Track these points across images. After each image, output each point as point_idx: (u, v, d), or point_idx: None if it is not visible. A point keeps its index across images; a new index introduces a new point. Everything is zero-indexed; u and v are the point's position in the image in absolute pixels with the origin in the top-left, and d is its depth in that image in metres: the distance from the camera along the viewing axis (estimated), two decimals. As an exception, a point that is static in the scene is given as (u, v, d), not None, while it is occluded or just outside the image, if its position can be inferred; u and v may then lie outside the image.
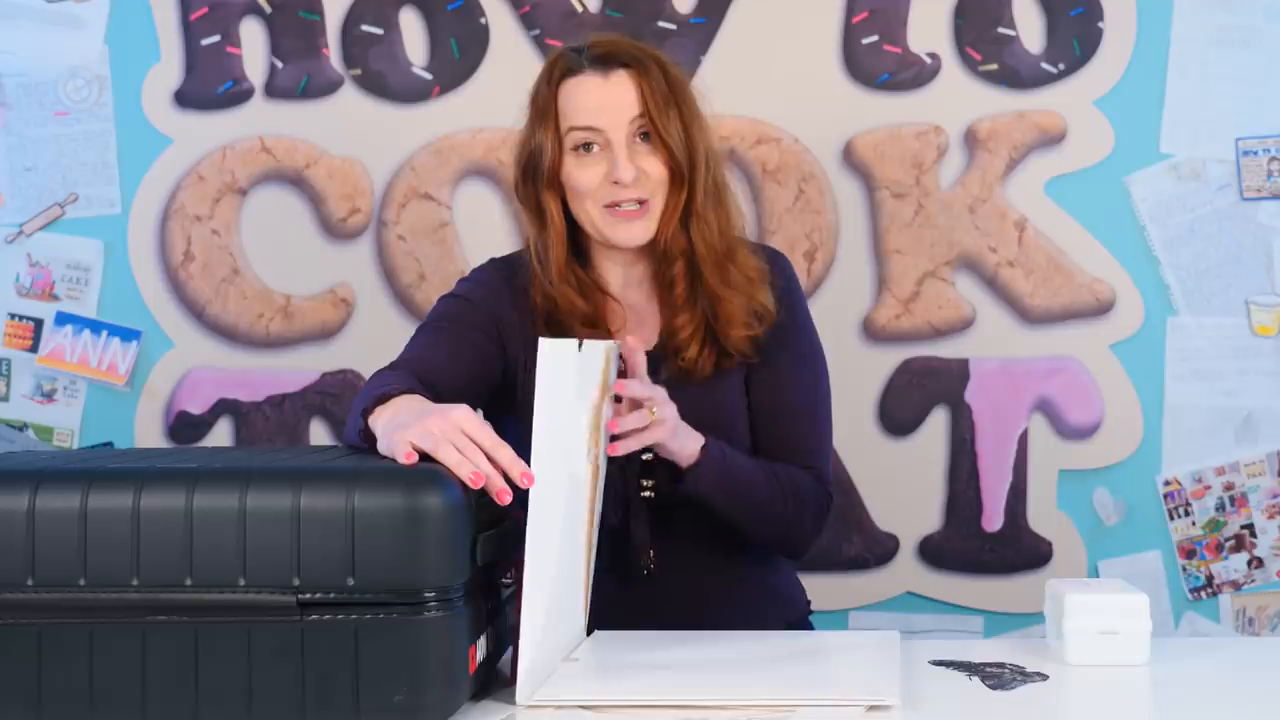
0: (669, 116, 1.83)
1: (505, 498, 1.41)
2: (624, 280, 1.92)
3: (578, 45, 1.89)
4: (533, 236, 1.91)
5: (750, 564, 1.92)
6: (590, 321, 1.87)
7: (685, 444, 1.76)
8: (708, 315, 1.86)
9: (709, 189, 1.87)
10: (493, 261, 2.00)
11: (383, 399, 1.56)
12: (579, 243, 1.91)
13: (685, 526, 1.85)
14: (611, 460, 1.71)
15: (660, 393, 1.71)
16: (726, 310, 1.85)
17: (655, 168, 1.84)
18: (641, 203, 1.84)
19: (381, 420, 1.52)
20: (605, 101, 1.83)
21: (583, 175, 1.84)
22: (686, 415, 1.79)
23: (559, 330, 1.86)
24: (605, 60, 1.85)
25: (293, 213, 2.62)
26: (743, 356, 1.88)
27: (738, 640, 1.67)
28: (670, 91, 1.84)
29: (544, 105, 1.87)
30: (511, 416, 1.88)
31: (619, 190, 1.83)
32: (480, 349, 1.86)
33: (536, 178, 1.87)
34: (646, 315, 1.92)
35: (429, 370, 1.76)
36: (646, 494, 1.84)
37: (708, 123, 1.90)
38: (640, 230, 1.85)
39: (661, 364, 1.86)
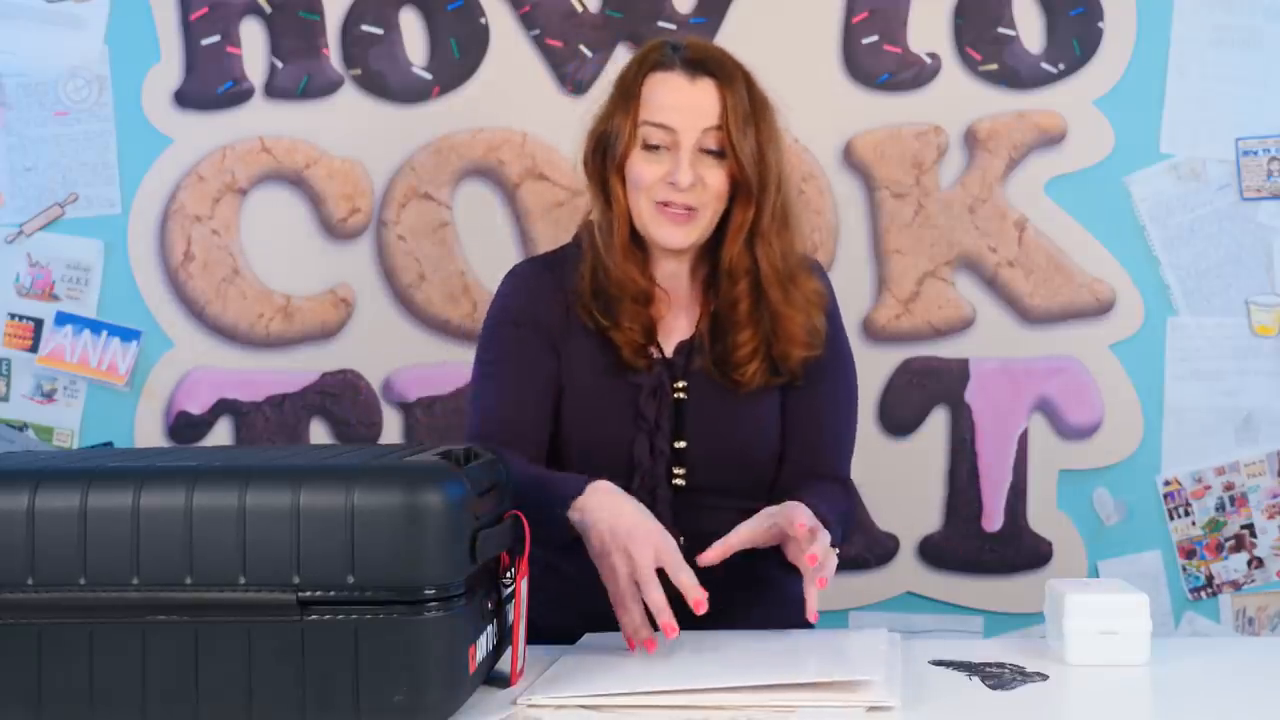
0: (745, 133, 1.85)
1: (652, 648, 1.61)
2: (671, 268, 1.94)
3: (676, 41, 1.91)
4: (597, 212, 1.93)
5: (771, 566, 1.93)
6: (644, 300, 1.90)
7: None
8: (769, 334, 1.89)
9: (776, 211, 1.89)
10: (530, 261, 2.04)
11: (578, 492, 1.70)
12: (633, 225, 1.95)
13: (711, 523, 1.86)
14: (642, 446, 1.86)
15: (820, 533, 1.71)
16: (788, 329, 1.89)
17: (716, 180, 1.86)
18: (690, 210, 1.86)
19: (589, 514, 1.68)
20: (685, 103, 1.85)
21: (645, 169, 1.86)
22: (723, 421, 1.87)
23: (606, 304, 1.89)
24: (696, 65, 1.86)
25: (293, 213, 2.62)
26: (793, 377, 1.92)
27: (737, 640, 1.68)
28: (752, 109, 1.86)
29: (628, 91, 1.89)
30: None
31: (673, 191, 1.85)
32: (542, 359, 1.91)
33: (607, 159, 1.89)
34: (687, 304, 1.95)
35: (515, 430, 1.85)
36: (678, 482, 1.88)
37: (785, 145, 1.93)
38: (682, 235, 1.88)
39: (694, 355, 1.91)
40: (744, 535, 1.71)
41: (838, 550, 1.75)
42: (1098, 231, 2.57)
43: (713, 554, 1.69)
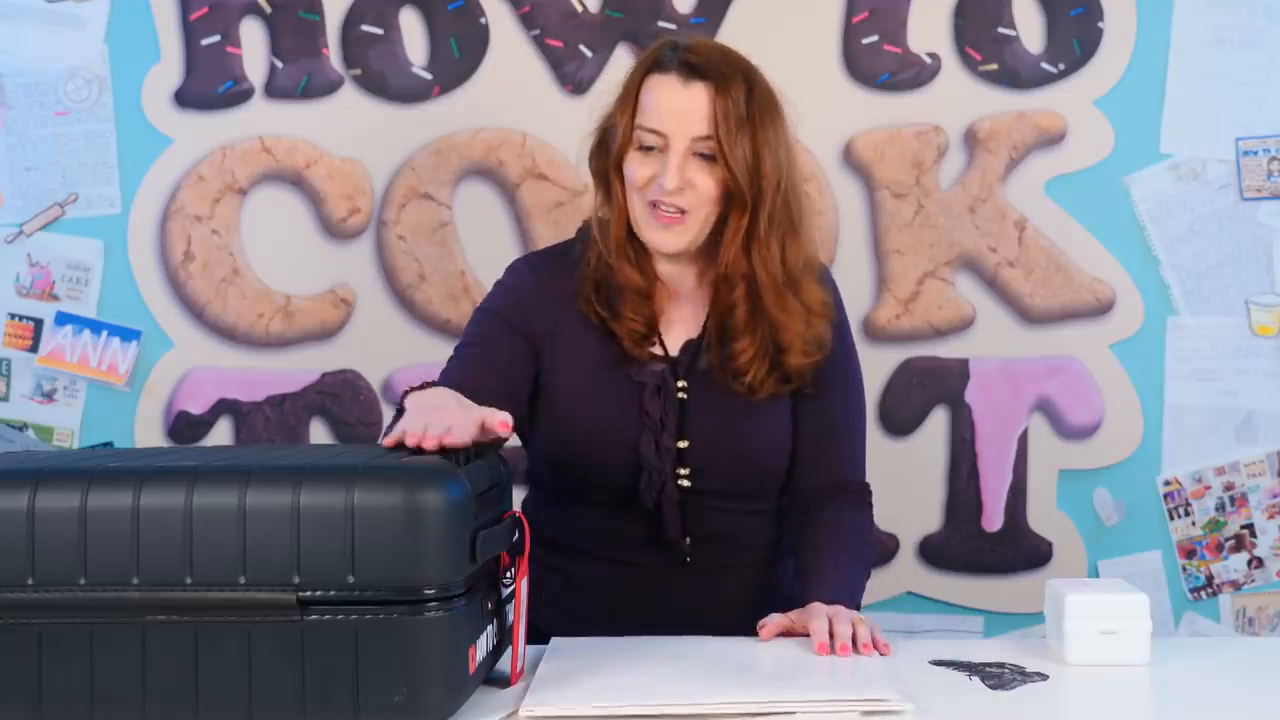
0: (737, 140, 1.82)
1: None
2: (668, 267, 1.93)
3: (680, 40, 1.89)
4: (598, 206, 1.93)
5: (776, 570, 1.94)
6: (645, 294, 1.89)
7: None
8: (769, 341, 1.87)
9: (776, 216, 1.86)
10: (531, 257, 2.02)
11: (424, 385, 1.70)
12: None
13: (716, 524, 1.87)
14: (647, 443, 1.85)
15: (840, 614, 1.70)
16: (786, 337, 1.87)
17: (706, 184, 1.84)
18: (681, 212, 1.85)
19: (412, 399, 1.65)
20: (676, 108, 1.83)
21: (638, 170, 1.85)
22: (724, 424, 1.86)
23: (610, 296, 1.89)
24: (691, 68, 1.84)
25: (293, 213, 2.62)
26: (802, 385, 1.90)
27: (736, 644, 1.68)
28: (748, 115, 1.83)
29: (629, 90, 1.88)
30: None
31: (661, 193, 1.84)
32: (515, 353, 1.89)
33: (608, 156, 1.90)
34: (694, 302, 1.93)
35: (468, 392, 1.76)
36: (684, 482, 1.87)
37: (792, 150, 1.91)
38: (673, 238, 1.86)
39: (702, 354, 1.90)
40: (789, 624, 1.72)
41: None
42: (1098, 231, 2.57)
43: (766, 633, 1.71)
